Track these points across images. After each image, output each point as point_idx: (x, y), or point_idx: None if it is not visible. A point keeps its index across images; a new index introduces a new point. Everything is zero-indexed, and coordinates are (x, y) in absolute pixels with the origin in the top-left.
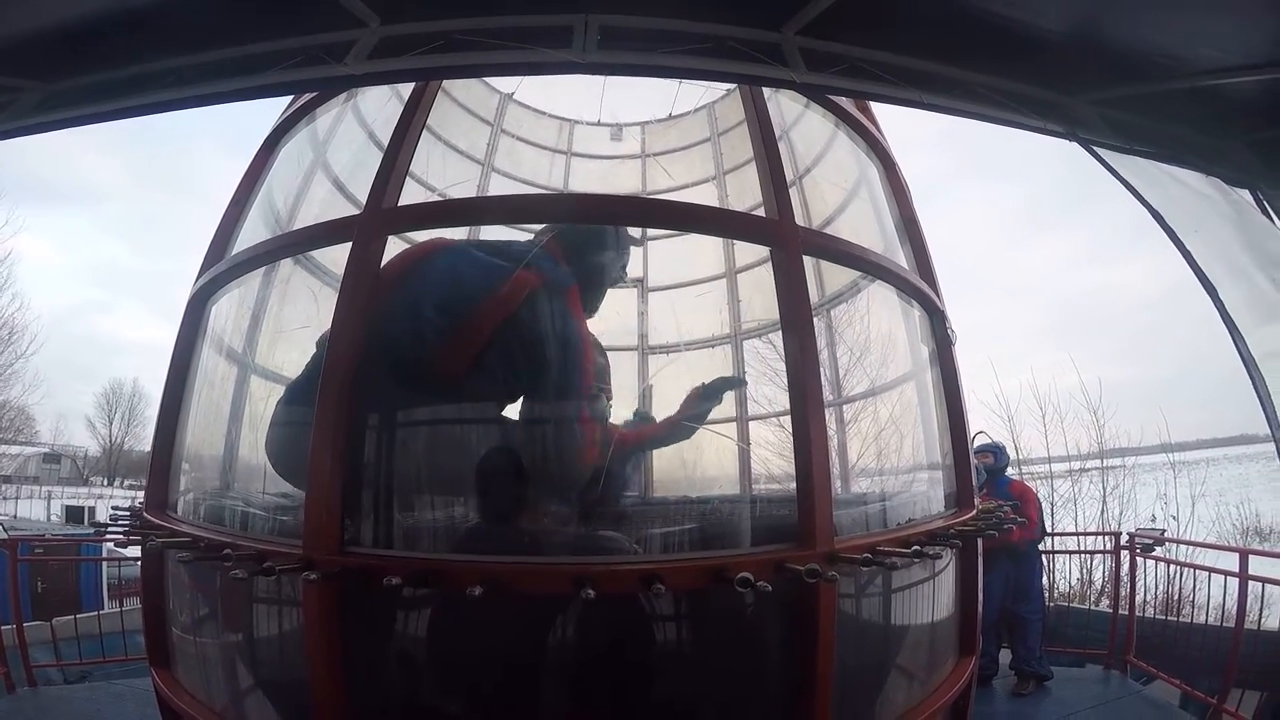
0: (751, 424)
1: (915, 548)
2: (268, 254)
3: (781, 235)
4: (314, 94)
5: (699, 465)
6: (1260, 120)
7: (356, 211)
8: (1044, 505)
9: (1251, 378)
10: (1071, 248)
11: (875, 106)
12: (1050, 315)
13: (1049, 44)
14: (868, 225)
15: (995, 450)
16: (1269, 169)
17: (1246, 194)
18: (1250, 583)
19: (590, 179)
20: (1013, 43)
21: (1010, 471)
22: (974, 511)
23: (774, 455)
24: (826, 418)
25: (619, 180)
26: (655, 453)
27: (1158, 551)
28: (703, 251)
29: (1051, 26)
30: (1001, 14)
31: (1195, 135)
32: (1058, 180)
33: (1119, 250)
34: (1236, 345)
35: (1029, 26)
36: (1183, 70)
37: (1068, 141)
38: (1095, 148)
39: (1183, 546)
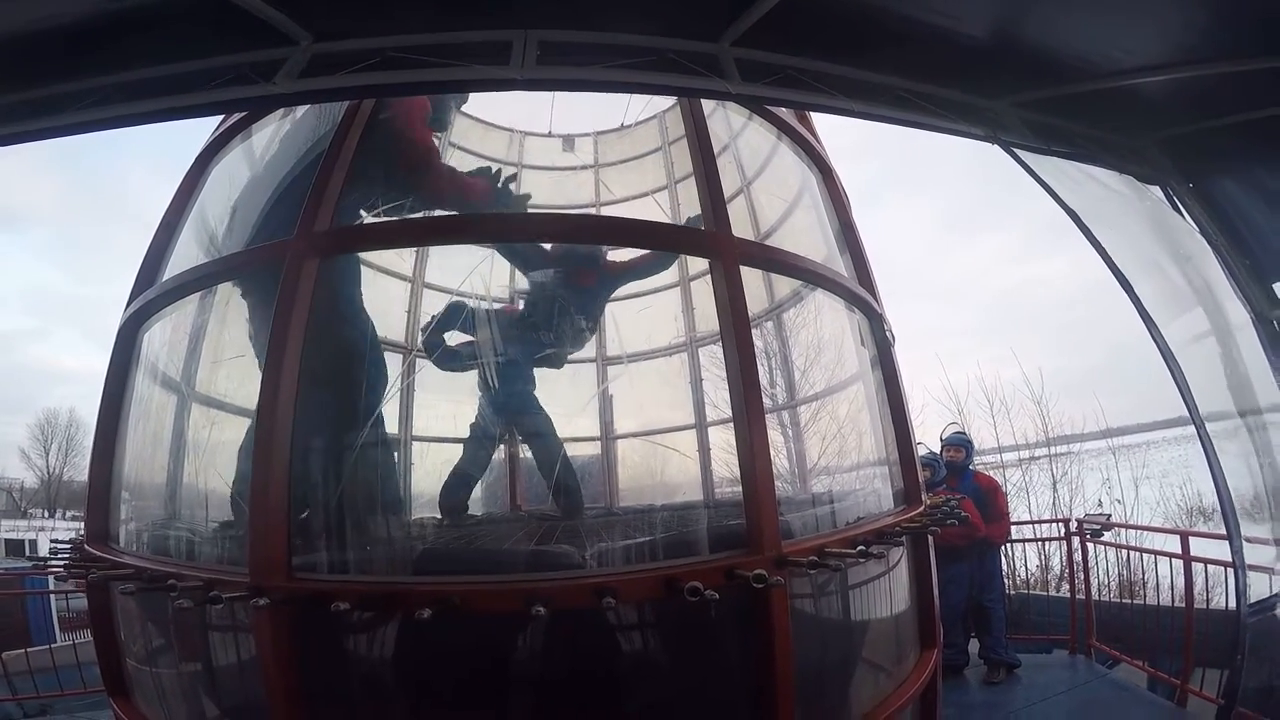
0: (713, 429)
1: (860, 547)
2: (197, 281)
3: (718, 248)
4: (246, 112)
5: (662, 473)
6: (1168, 119)
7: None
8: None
9: (1170, 368)
10: (1006, 244)
11: (815, 115)
12: (991, 310)
13: (970, 50)
14: (810, 233)
15: (967, 445)
16: (1176, 165)
17: (1158, 190)
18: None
19: (542, 191)
20: (937, 50)
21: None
22: (921, 508)
23: (734, 459)
24: (775, 422)
25: (571, 192)
26: (620, 462)
27: (1107, 536)
28: None
29: (972, 32)
30: (924, 20)
31: (1109, 135)
32: (990, 180)
33: (1049, 244)
34: (1154, 337)
35: (951, 33)
36: (1093, 72)
37: (990, 145)
38: (1016, 150)
39: (1132, 530)
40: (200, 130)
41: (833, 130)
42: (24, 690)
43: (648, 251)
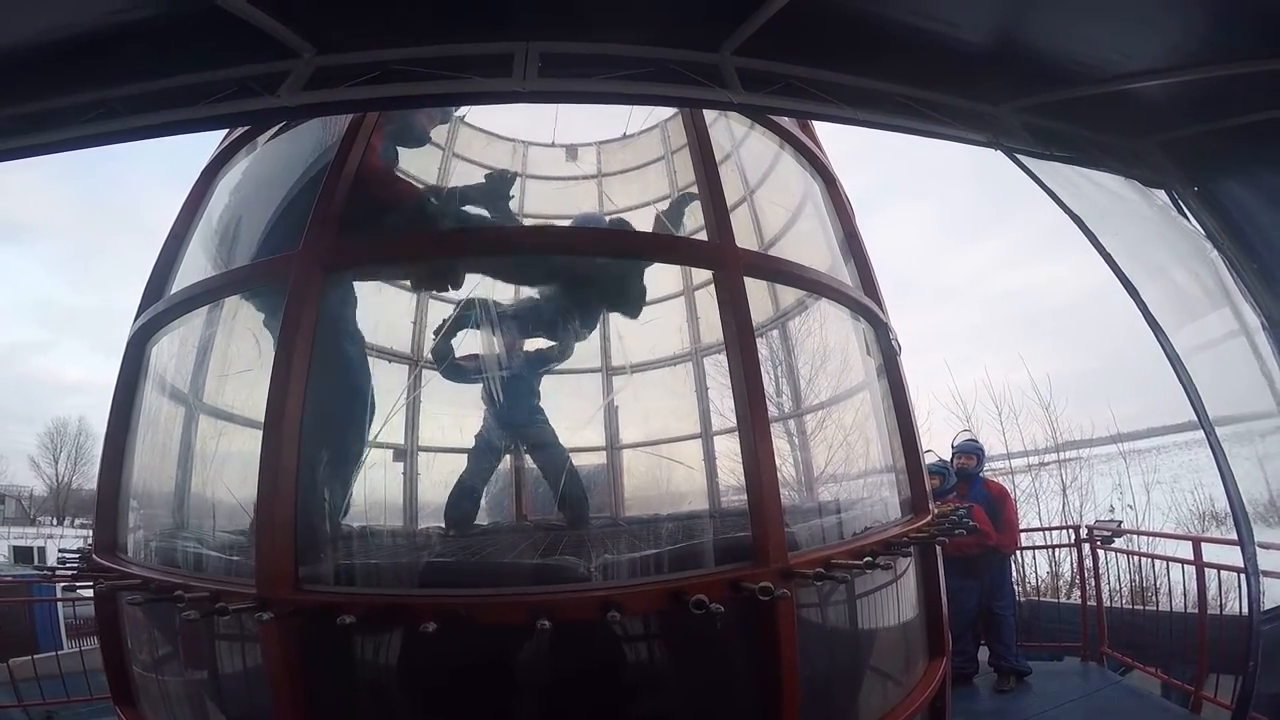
0: (718, 438)
1: (868, 558)
2: (204, 294)
3: (722, 258)
4: (250, 125)
5: (668, 483)
6: (1171, 122)
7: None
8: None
9: (1177, 373)
10: (1008, 249)
11: (818, 123)
12: (994, 315)
13: (971, 56)
14: (814, 241)
15: (979, 452)
16: (1181, 169)
17: (1163, 194)
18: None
19: (545, 201)
20: (937, 56)
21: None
22: (929, 517)
23: (740, 468)
24: (781, 431)
25: (575, 201)
26: (626, 472)
27: (1118, 542)
28: (660, 270)
29: (971, 39)
30: (923, 27)
31: (1112, 139)
32: (991, 185)
33: (1051, 250)
34: (1160, 342)
35: (950, 39)
36: (1093, 76)
37: (993, 150)
38: (1018, 155)
39: (1143, 536)
40: (206, 143)
41: (832, 138)
42: (30, 697)
43: None
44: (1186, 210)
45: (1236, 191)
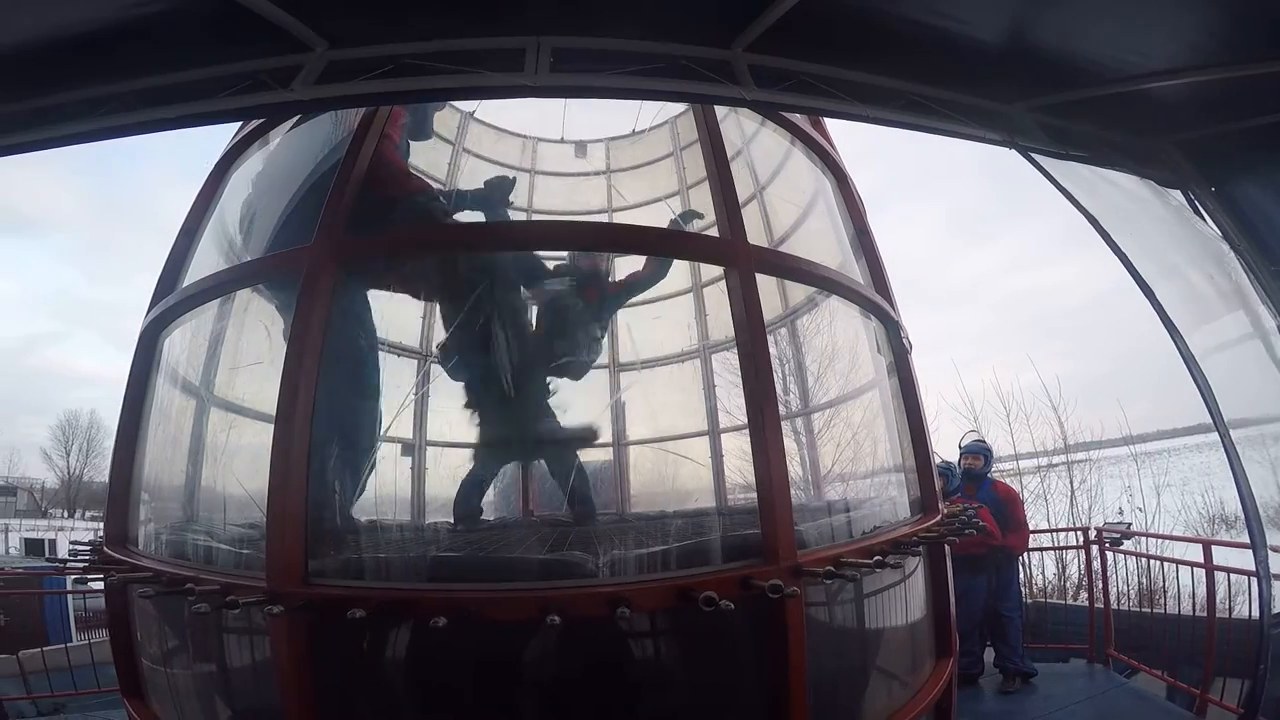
0: (725, 436)
1: (878, 558)
2: (216, 288)
3: (733, 255)
4: (263, 119)
5: (675, 479)
6: (1188, 122)
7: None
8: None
9: (1193, 374)
10: (1017, 250)
11: (829, 120)
12: (1003, 316)
13: (984, 54)
14: (825, 238)
15: (986, 453)
16: (1197, 169)
17: (1179, 195)
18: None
19: (555, 197)
20: (951, 54)
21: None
22: (939, 516)
23: (747, 466)
24: (789, 429)
25: (583, 198)
26: (633, 468)
27: (1126, 545)
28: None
29: (985, 37)
30: (937, 25)
31: (1128, 139)
32: (1000, 185)
33: (1060, 250)
34: (1176, 343)
35: (964, 38)
36: (1109, 76)
37: (1008, 149)
38: (1033, 155)
39: (1153, 539)
40: (218, 139)
41: (841, 136)
42: (39, 689)
43: (642, 267)
44: (1203, 211)
45: (1254, 193)
